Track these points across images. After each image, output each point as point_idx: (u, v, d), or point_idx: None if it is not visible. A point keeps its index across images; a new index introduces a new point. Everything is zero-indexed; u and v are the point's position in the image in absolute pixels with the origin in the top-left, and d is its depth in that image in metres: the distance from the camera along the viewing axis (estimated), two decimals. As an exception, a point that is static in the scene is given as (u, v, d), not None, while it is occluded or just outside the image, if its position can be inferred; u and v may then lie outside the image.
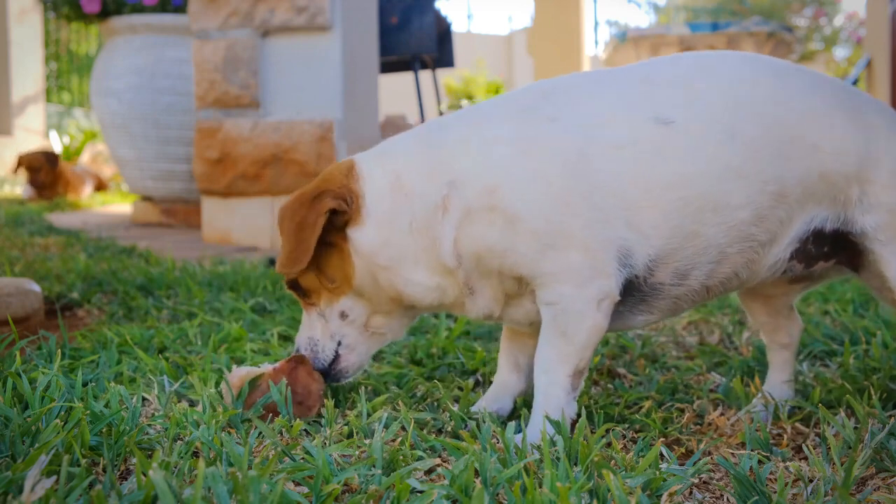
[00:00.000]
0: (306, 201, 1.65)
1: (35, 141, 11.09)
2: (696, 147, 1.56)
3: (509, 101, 1.67)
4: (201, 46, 4.87)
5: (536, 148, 1.56)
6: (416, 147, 1.68)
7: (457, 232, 1.58)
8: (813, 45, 15.44)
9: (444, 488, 1.23)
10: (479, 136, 1.61)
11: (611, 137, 1.56)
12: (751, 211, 1.58)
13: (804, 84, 1.65)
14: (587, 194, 1.53)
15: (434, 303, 1.69)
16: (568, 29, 12.19)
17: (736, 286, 1.70)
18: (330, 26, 4.70)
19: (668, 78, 1.64)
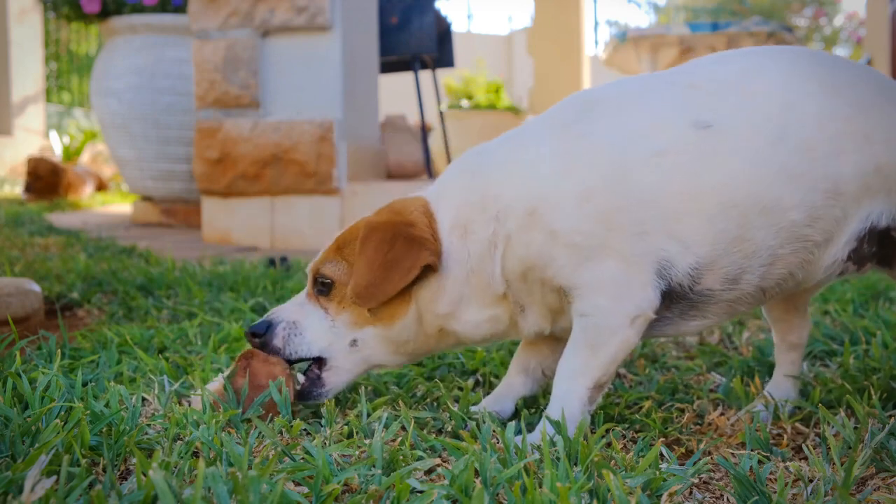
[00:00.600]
0: (402, 238, 1.57)
1: (35, 141, 11.09)
2: (739, 150, 1.53)
3: (547, 120, 1.65)
4: (201, 46, 4.86)
5: (573, 164, 1.54)
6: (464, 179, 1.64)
7: (502, 262, 1.57)
8: (813, 45, 15.43)
9: (444, 488, 1.23)
10: (519, 160, 1.59)
11: (648, 147, 1.53)
12: (804, 211, 1.55)
13: (853, 76, 1.62)
14: (626, 208, 1.51)
15: (485, 334, 1.66)
16: (568, 29, 12.19)
17: (793, 286, 1.66)
18: (330, 26, 4.70)
19: (716, 81, 1.61)
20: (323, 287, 1.67)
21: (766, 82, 1.58)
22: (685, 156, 1.53)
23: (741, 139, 1.53)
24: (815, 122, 1.55)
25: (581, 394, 1.56)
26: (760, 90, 1.57)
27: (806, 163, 1.53)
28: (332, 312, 1.67)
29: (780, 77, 1.59)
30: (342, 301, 1.65)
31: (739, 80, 1.60)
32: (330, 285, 1.67)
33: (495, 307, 1.62)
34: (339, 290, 1.66)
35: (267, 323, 1.69)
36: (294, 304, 1.71)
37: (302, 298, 1.71)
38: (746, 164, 1.52)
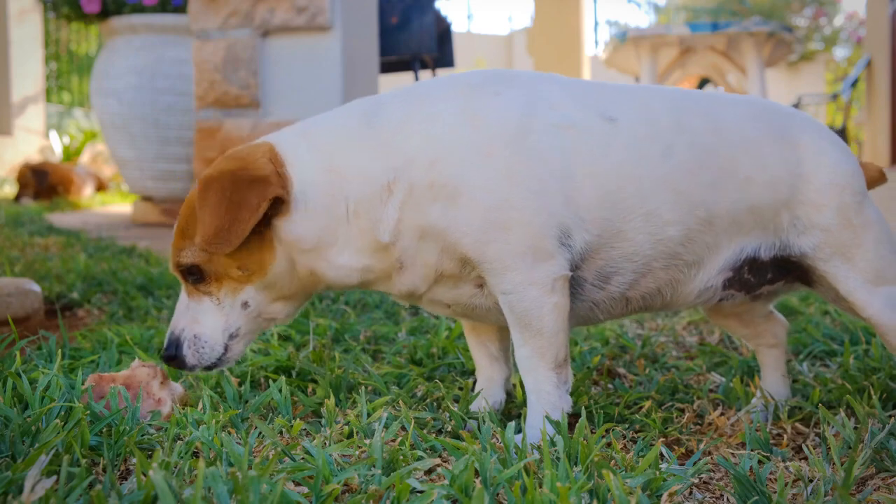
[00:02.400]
0: (247, 180, 1.54)
1: (35, 141, 11.09)
2: (637, 150, 1.58)
3: (456, 79, 1.65)
4: (201, 46, 4.87)
5: (479, 121, 1.54)
6: (353, 127, 1.61)
7: (400, 212, 1.55)
8: (813, 45, 15.44)
9: (444, 488, 1.23)
10: (421, 113, 1.58)
11: (555, 117, 1.56)
12: (680, 230, 1.59)
13: (738, 115, 1.67)
14: (526, 164, 1.52)
15: (354, 283, 1.64)
16: (568, 29, 12.19)
17: (659, 305, 1.70)
18: (330, 26, 4.70)
19: (616, 91, 1.68)
20: (193, 276, 1.63)
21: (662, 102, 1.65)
22: (587, 135, 1.56)
23: (638, 140, 1.59)
24: (699, 152, 1.61)
25: (549, 377, 1.57)
26: (658, 107, 1.64)
27: (686, 184, 1.59)
28: (216, 292, 1.63)
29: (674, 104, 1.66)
30: (217, 277, 1.62)
31: (641, 91, 1.68)
32: (198, 270, 1.62)
33: (372, 257, 1.60)
34: (208, 269, 1.61)
35: (175, 343, 1.65)
36: (184, 310, 1.66)
37: (185, 300, 1.66)
38: (638, 163, 1.58)
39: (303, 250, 1.59)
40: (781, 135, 1.66)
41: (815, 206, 1.64)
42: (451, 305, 1.67)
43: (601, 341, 2.42)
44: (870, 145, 9.55)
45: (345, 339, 2.38)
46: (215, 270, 1.61)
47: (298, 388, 1.90)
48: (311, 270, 1.62)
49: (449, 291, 1.64)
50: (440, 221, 1.53)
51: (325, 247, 1.59)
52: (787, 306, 2.83)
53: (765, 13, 13.98)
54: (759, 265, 1.67)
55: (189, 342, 1.63)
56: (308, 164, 1.58)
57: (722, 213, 1.61)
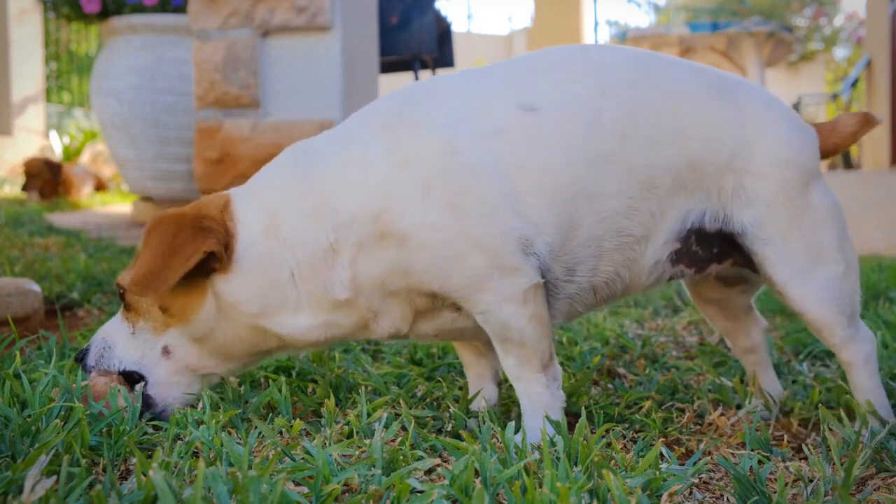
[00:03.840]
0: (188, 227, 1.52)
1: (35, 141, 11.08)
2: (563, 133, 1.53)
3: (371, 116, 1.61)
4: (201, 46, 4.87)
5: (405, 157, 1.50)
6: (293, 184, 1.57)
7: (351, 271, 1.52)
8: (813, 45, 15.44)
9: (444, 488, 1.23)
10: (352, 164, 1.53)
11: (478, 128, 1.52)
12: (622, 201, 1.55)
13: (670, 69, 1.62)
14: (467, 190, 1.48)
15: (320, 339, 1.61)
16: (568, 29, 12.19)
17: (621, 290, 1.66)
18: (330, 26, 4.70)
19: (529, 69, 1.61)
20: (125, 306, 1.64)
21: (582, 69, 1.59)
22: (514, 135, 1.52)
23: (561, 122, 1.54)
24: (628, 110, 1.55)
25: (539, 380, 1.56)
26: (580, 74, 1.58)
27: (620, 149, 1.54)
28: (132, 321, 1.63)
29: (596, 65, 1.60)
30: (137, 310, 1.62)
31: (551, 68, 1.60)
32: (122, 297, 1.64)
33: (333, 313, 1.57)
34: (130, 299, 1.62)
35: (88, 345, 1.67)
36: (111, 322, 1.68)
37: (118, 316, 1.68)
38: (567, 147, 1.53)
39: (248, 314, 1.57)
40: (724, 95, 1.61)
41: (759, 175, 1.58)
42: (438, 334, 1.66)
43: (601, 341, 2.42)
44: (870, 145, 9.54)
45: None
46: (138, 304, 1.61)
47: (298, 388, 1.90)
48: (256, 328, 1.59)
49: (430, 323, 1.62)
50: (398, 266, 1.51)
51: (273, 312, 1.56)
52: (787, 306, 2.83)
53: (765, 13, 13.97)
54: (705, 236, 1.62)
55: (97, 344, 1.65)
56: (252, 226, 1.55)
57: (661, 172, 1.56)
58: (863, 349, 1.64)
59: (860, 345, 1.64)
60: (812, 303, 1.60)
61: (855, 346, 1.63)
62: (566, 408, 1.70)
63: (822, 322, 1.61)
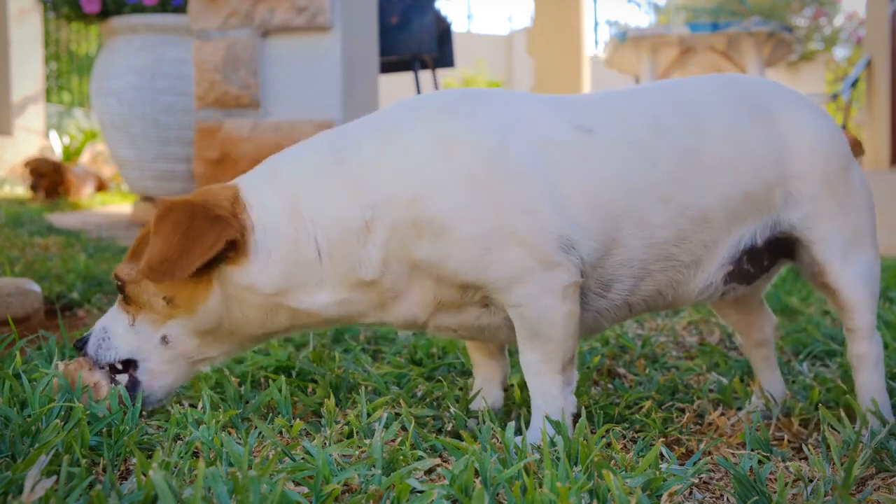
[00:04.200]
0: (207, 216, 1.51)
1: (35, 141, 11.08)
2: (617, 161, 1.56)
3: (422, 104, 1.61)
4: (201, 46, 4.87)
5: (454, 149, 1.51)
6: (323, 166, 1.56)
7: (384, 253, 1.51)
8: (813, 45, 15.43)
9: (444, 488, 1.23)
10: (393, 147, 1.53)
11: (533, 133, 1.54)
12: (672, 231, 1.58)
13: (715, 104, 1.65)
14: (509, 186, 1.49)
15: (332, 317, 1.60)
16: (568, 29, 12.19)
17: (663, 306, 1.69)
18: (330, 26, 4.70)
19: (591, 98, 1.66)
20: (121, 293, 1.63)
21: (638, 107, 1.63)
22: (567, 147, 1.54)
23: (617, 150, 1.56)
24: (684, 155, 1.59)
25: (556, 381, 1.56)
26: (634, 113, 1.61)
27: (675, 189, 1.57)
28: (133, 313, 1.62)
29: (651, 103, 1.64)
30: (138, 303, 1.61)
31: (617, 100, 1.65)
32: (123, 290, 1.62)
33: (353, 291, 1.56)
34: (132, 293, 1.61)
35: (89, 333, 1.67)
36: (110, 313, 1.68)
37: (115, 306, 1.67)
38: (622, 172, 1.55)
39: (266, 294, 1.56)
40: (760, 113, 1.64)
41: (802, 176, 1.63)
42: (458, 329, 1.65)
43: (601, 341, 2.42)
44: (870, 145, 9.54)
45: (345, 339, 2.38)
46: (138, 296, 1.60)
47: (298, 388, 1.90)
48: (274, 312, 1.58)
49: (453, 317, 1.62)
50: (432, 256, 1.50)
51: (292, 290, 1.55)
52: (787, 306, 2.83)
53: (765, 13, 13.97)
54: (756, 252, 1.66)
55: (97, 333, 1.65)
56: (271, 210, 1.55)
57: (715, 209, 1.60)
58: (877, 349, 1.67)
59: (876, 344, 1.67)
60: (851, 281, 1.64)
61: (872, 343, 1.66)
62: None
63: (856, 301, 1.65)
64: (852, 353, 1.67)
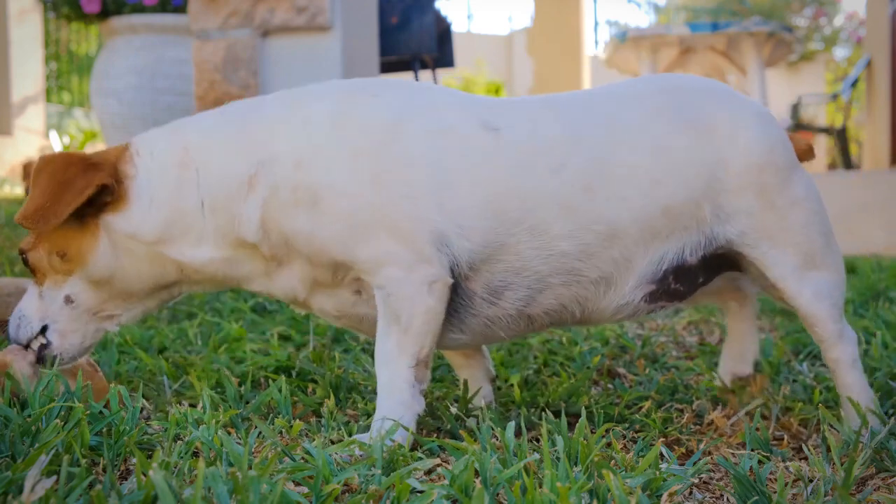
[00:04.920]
0: (78, 163, 1.55)
1: (35, 141, 11.07)
2: (522, 162, 1.52)
3: (339, 83, 1.64)
4: (201, 46, 4.87)
5: (348, 123, 1.52)
6: (223, 125, 1.60)
7: (262, 212, 1.52)
8: (813, 45, 15.43)
9: (444, 488, 1.23)
10: (294, 114, 1.56)
11: (430, 122, 1.53)
12: (574, 244, 1.53)
13: (644, 113, 1.59)
14: (393, 169, 1.49)
15: (217, 274, 1.61)
16: (568, 29, 12.19)
17: (572, 321, 1.64)
18: (330, 26, 4.70)
19: (513, 100, 1.63)
20: (27, 266, 1.65)
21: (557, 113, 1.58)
22: (466, 142, 1.52)
23: (521, 153, 1.53)
24: (596, 166, 1.53)
25: (406, 375, 1.52)
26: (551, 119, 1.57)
27: (580, 200, 1.52)
28: (39, 283, 1.65)
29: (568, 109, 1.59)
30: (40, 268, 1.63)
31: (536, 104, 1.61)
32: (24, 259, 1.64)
33: (236, 251, 1.58)
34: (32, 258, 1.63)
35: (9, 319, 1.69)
36: (25, 295, 1.70)
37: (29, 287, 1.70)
38: (522, 176, 1.52)
39: (147, 242, 1.57)
40: (693, 122, 1.57)
41: (735, 191, 1.56)
42: (340, 316, 1.64)
43: (601, 341, 2.42)
44: (870, 145, 9.54)
45: (345, 339, 2.38)
46: (37, 260, 1.62)
47: (298, 388, 1.90)
48: (161, 263, 1.60)
49: (329, 299, 1.61)
50: (304, 227, 1.50)
51: (174, 239, 1.57)
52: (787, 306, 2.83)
53: (765, 13, 13.97)
54: (687, 270, 1.60)
55: (15, 315, 1.67)
56: (159, 158, 1.58)
57: (626, 224, 1.53)
58: (850, 348, 1.64)
59: (848, 344, 1.64)
60: (807, 298, 1.60)
61: (844, 344, 1.63)
62: (566, 408, 1.70)
63: (817, 316, 1.61)
64: (827, 358, 1.66)
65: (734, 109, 1.60)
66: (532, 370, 2.08)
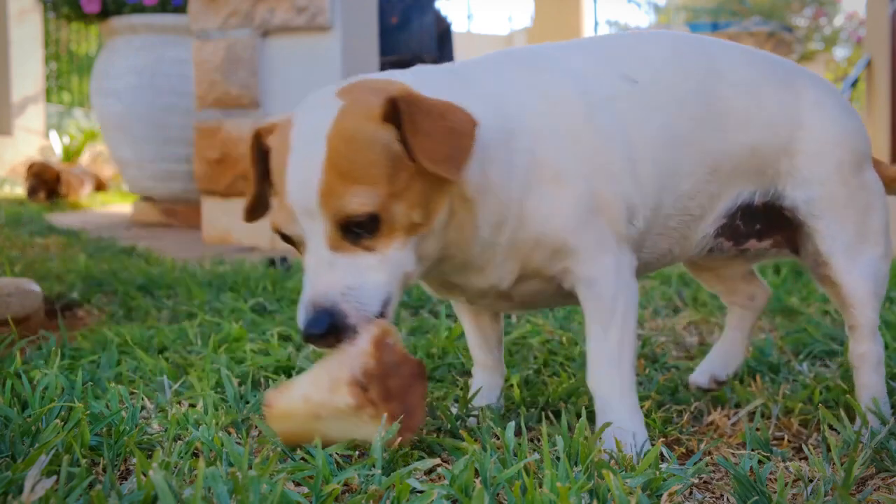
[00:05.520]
0: (461, 112, 1.33)
1: (35, 141, 11.08)
2: (658, 110, 1.53)
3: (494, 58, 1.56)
4: (201, 46, 4.87)
5: (553, 101, 1.47)
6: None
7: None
8: (813, 45, 15.43)
9: (444, 488, 1.23)
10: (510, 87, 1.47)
11: (601, 89, 1.51)
12: (691, 183, 1.56)
13: (735, 56, 1.64)
14: (604, 146, 1.46)
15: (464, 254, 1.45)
16: (568, 29, 12.19)
17: (666, 263, 1.67)
18: (330, 26, 4.70)
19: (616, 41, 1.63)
20: (363, 228, 1.30)
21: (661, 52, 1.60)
22: (626, 103, 1.52)
23: (657, 99, 1.54)
24: (704, 97, 1.57)
25: (631, 377, 1.47)
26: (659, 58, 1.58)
27: (697, 133, 1.55)
28: (382, 247, 1.32)
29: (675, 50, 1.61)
30: (391, 227, 1.31)
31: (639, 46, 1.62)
32: (375, 219, 1.30)
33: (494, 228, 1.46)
34: (387, 217, 1.31)
35: (323, 314, 1.29)
36: (326, 269, 1.31)
37: (328, 258, 1.31)
38: (662, 124, 1.53)
39: (465, 199, 1.40)
40: (781, 80, 1.64)
41: (815, 156, 1.61)
42: (525, 301, 1.58)
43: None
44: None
45: (345, 339, 2.38)
46: (392, 218, 1.30)
47: (298, 388, 1.90)
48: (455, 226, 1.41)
49: (522, 285, 1.53)
50: (540, 208, 1.42)
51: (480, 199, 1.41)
52: (787, 306, 2.83)
53: (765, 13, 13.96)
54: (752, 211, 1.64)
55: (344, 296, 1.29)
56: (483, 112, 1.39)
57: (725, 158, 1.58)
58: (878, 349, 1.66)
59: (878, 345, 1.66)
60: (854, 276, 1.62)
61: (873, 343, 1.65)
62: (566, 408, 1.69)
63: (859, 297, 1.62)
64: (853, 353, 1.67)
65: (820, 87, 1.67)
66: (532, 370, 2.08)
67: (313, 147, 1.31)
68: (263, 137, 1.46)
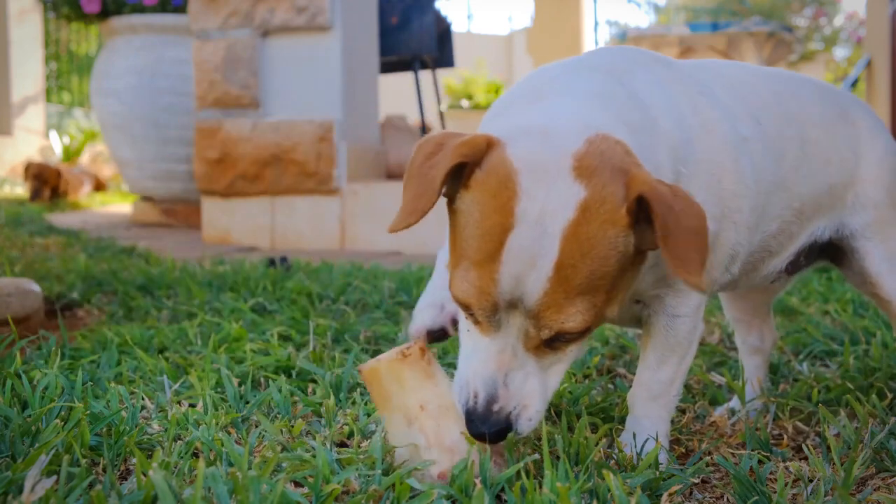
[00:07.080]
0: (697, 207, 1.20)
1: (35, 141, 11.08)
2: (767, 155, 1.51)
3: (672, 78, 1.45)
4: (201, 46, 4.87)
5: (712, 131, 1.41)
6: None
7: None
8: (813, 45, 15.43)
9: (444, 488, 1.23)
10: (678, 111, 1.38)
11: (742, 128, 1.46)
12: (778, 224, 1.57)
13: (813, 95, 1.65)
14: (736, 191, 1.42)
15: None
16: (568, 29, 12.18)
17: (728, 290, 1.68)
18: (330, 26, 4.70)
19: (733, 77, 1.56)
20: (570, 336, 1.21)
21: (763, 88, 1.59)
22: (756, 146, 1.48)
23: (770, 144, 1.53)
24: (800, 144, 1.57)
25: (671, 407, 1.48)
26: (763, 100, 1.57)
27: (791, 179, 1.56)
28: (573, 347, 1.24)
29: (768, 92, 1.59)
30: (591, 330, 1.22)
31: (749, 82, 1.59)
32: (583, 333, 1.21)
33: None
34: (593, 326, 1.22)
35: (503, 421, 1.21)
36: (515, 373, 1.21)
37: (520, 357, 1.21)
38: (772, 169, 1.51)
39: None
40: (843, 113, 1.66)
41: (871, 181, 1.64)
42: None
43: (601, 341, 2.42)
44: (870, 145, 9.55)
45: (345, 339, 2.38)
46: (598, 323, 1.22)
47: (298, 388, 1.90)
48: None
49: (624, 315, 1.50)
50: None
51: None
52: (787, 306, 2.83)
53: (765, 13, 13.97)
54: (815, 248, 1.66)
55: (525, 408, 1.23)
56: None
57: (809, 200, 1.59)
58: None
59: None
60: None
61: None
62: (566, 408, 1.69)
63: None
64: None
65: (868, 112, 1.71)
66: (532, 370, 2.07)
67: (542, 244, 1.13)
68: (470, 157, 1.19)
